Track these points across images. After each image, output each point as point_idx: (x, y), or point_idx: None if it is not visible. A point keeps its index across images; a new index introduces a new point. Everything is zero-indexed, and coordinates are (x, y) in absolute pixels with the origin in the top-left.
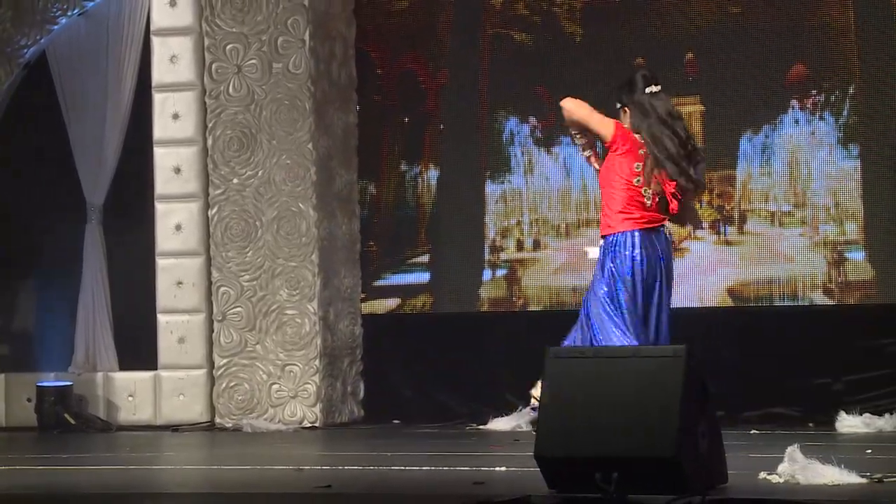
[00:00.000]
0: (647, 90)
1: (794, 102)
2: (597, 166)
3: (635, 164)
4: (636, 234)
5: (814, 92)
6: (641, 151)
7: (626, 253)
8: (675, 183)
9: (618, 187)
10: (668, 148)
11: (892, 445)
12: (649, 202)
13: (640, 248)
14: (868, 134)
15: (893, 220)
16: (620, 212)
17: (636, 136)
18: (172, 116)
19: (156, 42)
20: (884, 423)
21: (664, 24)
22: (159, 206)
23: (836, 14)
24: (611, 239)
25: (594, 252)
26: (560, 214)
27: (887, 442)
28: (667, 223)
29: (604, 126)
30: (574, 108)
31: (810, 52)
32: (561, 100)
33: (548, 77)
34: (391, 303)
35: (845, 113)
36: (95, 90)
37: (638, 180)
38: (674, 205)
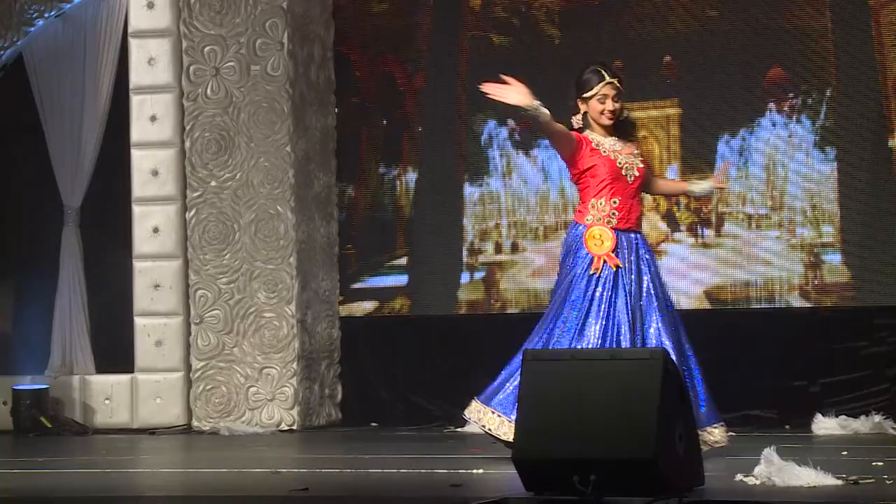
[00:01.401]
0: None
1: (772, 105)
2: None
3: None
4: None
5: (791, 95)
6: (587, 149)
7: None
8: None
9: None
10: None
11: (868, 447)
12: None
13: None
14: (845, 137)
15: (870, 223)
16: None
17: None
18: (150, 119)
19: (133, 44)
20: (859, 425)
21: (642, 27)
22: (136, 209)
23: (813, 17)
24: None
25: None
26: (538, 217)
27: (863, 444)
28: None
29: (566, 142)
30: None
31: (787, 56)
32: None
33: (526, 79)
34: (369, 305)
35: (822, 116)
36: (72, 92)
37: (602, 183)
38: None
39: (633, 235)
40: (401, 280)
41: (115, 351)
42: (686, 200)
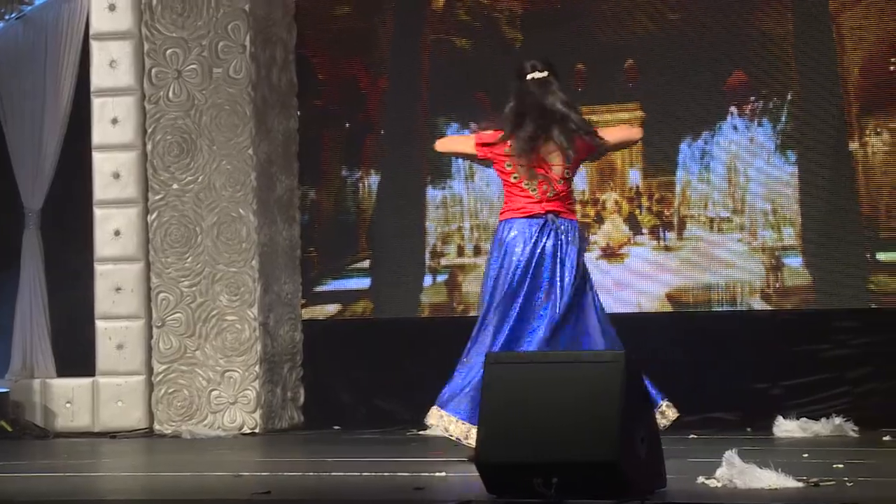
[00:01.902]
0: (530, 77)
1: (733, 109)
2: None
3: (507, 163)
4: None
5: (752, 98)
6: (507, 149)
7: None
8: (551, 164)
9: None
10: (517, 143)
11: (829, 450)
12: (535, 193)
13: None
14: (805, 141)
15: (830, 226)
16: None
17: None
18: (111, 121)
19: (95, 46)
20: (820, 427)
21: (604, 31)
22: (98, 212)
23: (774, 22)
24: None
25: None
26: None
27: (824, 446)
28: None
29: (466, 148)
30: (445, 146)
31: (749, 60)
32: (436, 144)
33: (488, 82)
34: (331, 308)
35: (783, 120)
36: (34, 95)
37: (515, 177)
38: (561, 187)
39: None
40: (363, 283)
41: (76, 354)
42: (648, 203)
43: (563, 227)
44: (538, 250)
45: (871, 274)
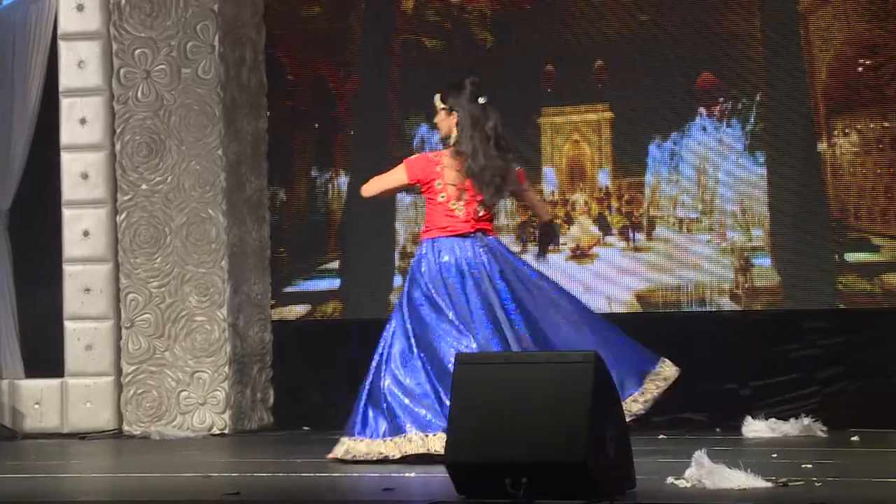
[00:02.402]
0: (480, 100)
1: (702, 110)
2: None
3: (436, 182)
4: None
5: (721, 99)
6: (438, 168)
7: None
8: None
9: (428, 206)
10: (478, 164)
11: (797, 450)
12: (461, 213)
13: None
14: (774, 141)
15: (798, 227)
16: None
17: (431, 154)
18: (80, 122)
19: (63, 47)
20: (789, 427)
21: (574, 32)
22: (66, 212)
23: (742, 22)
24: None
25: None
26: None
27: (793, 446)
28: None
29: (396, 175)
30: (374, 187)
31: (718, 60)
32: (362, 191)
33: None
34: (301, 309)
35: (752, 120)
36: (2, 95)
37: (443, 196)
38: (486, 212)
39: None
40: (333, 284)
41: (44, 355)
42: (618, 204)
43: (490, 244)
44: (465, 267)
45: (840, 274)
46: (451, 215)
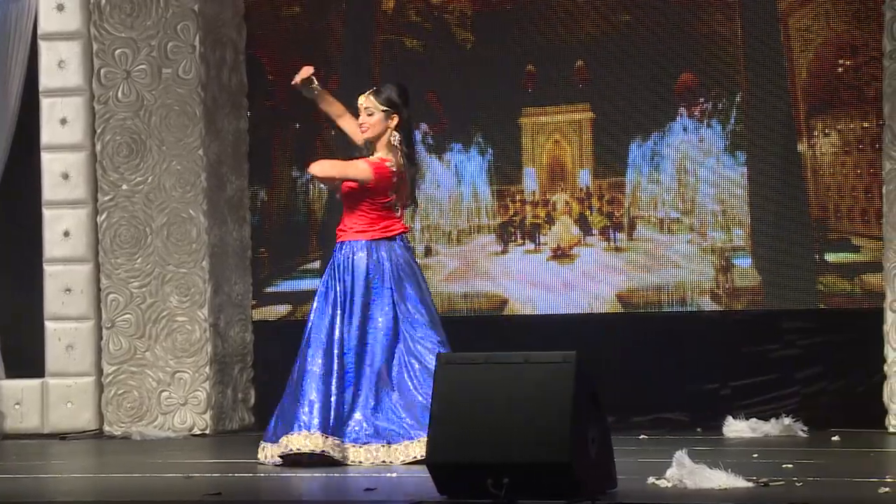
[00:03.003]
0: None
1: (683, 110)
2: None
3: (389, 192)
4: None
5: (701, 100)
6: (395, 179)
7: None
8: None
9: (365, 209)
10: (414, 171)
11: (778, 450)
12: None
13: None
14: (754, 141)
15: (779, 227)
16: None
17: (388, 163)
18: (60, 122)
19: (43, 46)
20: (770, 427)
21: (554, 32)
22: (47, 213)
23: (723, 23)
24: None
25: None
26: (451, 221)
27: (773, 446)
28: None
29: (361, 172)
30: (330, 172)
31: (698, 61)
32: (309, 168)
33: (439, 83)
34: (282, 309)
35: (732, 120)
36: None
37: (388, 203)
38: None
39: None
40: (314, 284)
41: (25, 355)
42: (599, 204)
43: (406, 244)
44: (401, 263)
45: (820, 275)
46: (390, 216)
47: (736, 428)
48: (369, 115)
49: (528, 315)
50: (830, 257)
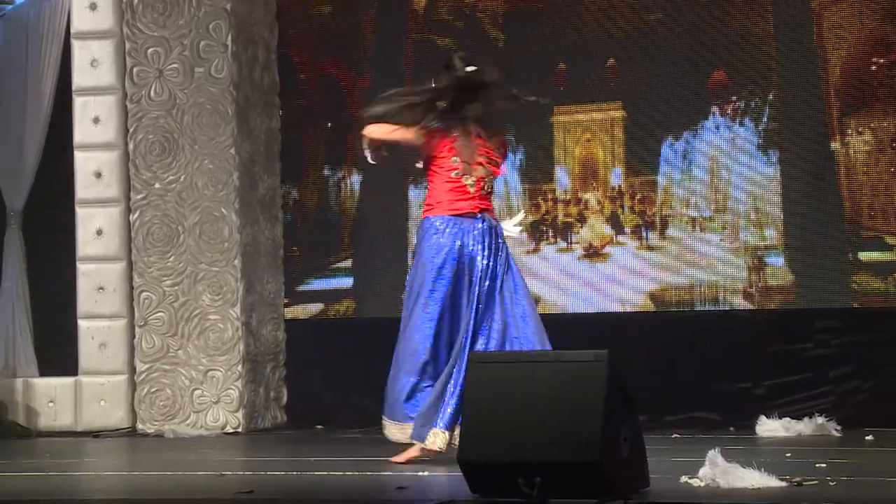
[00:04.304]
0: (467, 70)
1: (715, 108)
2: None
3: (452, 159)
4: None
5: (734, 98)
6: (455, 144)
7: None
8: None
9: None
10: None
11: (811, 449)
12: (473, 189)
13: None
14: (787, 140)
15: (812, 226)
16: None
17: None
18: (93, 120)
19: (76, 46)
20: (803, 426)
21: (586, 31)
22: (80, 211)
23: (755, 21)
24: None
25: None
26: None
27: (806, 445)
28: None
29: (416, 137)
30: (382, 132)
31: (730, 59)
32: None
33: None
34: (314, 308)
35: (765, 119)
36: (15, 94)
37: (456, 173)
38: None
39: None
40: (346, 282)
41: (58, 354)
42: (631, 203)
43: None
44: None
45: (853, 273)
46: (463, 191)
47: (769, 427)
48: None
49: (559, 314)
50: (864, 256)
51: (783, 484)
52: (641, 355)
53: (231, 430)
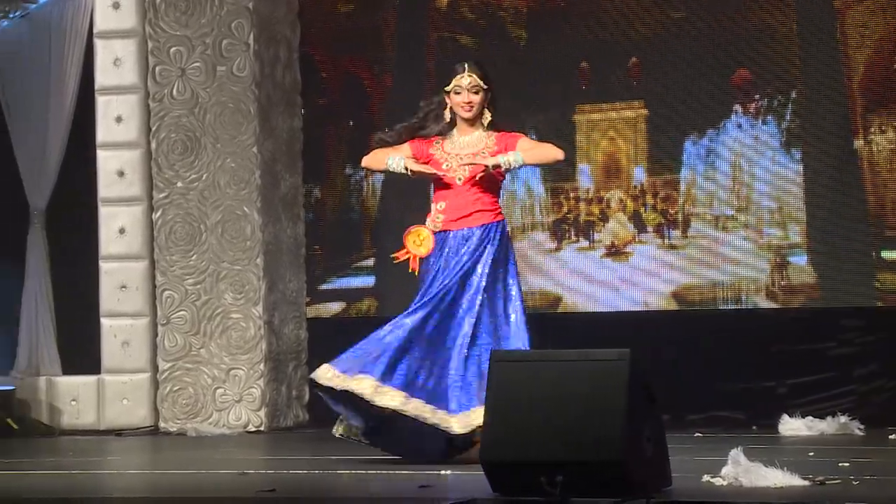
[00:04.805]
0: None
1: (738, 107)
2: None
3: None
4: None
5: (757, 96)
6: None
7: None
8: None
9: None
10: None
11: (834, 448)
12: None
13: None
14: (810, 138)
15: (835, 224)
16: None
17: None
18: (116, 119)
19: (99, 45)
20: (826, 425)
21: (608, 29)
22: (103, 210)
23: (778, 19)
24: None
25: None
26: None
27: (829, 445)
28: None
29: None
30: (373, 158)
31: (753, 57)
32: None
33: (493, 81)
34: (336, 306)
35: (788, 117)
36: (38, 93)
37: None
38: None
39: (465, 231)
40: (368, 281)
41: (81, 352)
42: (653, 201)
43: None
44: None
45: (877, 272)
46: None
47: (792, 426)
48: (475, 92)
49: (582, 312)
50: (887, 254)
51: (806, 483)
52: (664, 354)
53: (253, 429)
